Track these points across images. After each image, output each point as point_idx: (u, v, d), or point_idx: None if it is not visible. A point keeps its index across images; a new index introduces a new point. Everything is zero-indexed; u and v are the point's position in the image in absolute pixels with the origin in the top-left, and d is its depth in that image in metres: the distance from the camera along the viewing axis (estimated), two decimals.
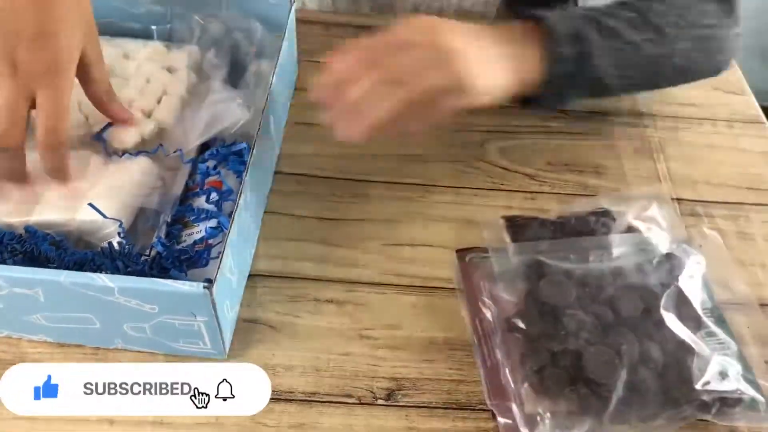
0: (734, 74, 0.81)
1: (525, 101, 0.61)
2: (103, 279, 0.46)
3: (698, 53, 0.65)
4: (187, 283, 0.47)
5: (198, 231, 0.56)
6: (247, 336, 0.55)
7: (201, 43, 0.68)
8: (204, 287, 0.46)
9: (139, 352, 0.53)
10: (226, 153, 0.61)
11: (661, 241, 0.61)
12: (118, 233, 0.53)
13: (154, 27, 0.70)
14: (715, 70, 0.69)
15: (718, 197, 0.68)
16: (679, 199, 0.68)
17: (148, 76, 0.65)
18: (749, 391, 0.52)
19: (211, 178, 0.59)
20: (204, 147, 0.63)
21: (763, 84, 1.69)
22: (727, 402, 0.52)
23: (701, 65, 0.67)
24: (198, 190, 0.59)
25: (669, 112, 0.76)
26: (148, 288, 0.47)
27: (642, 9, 0.62)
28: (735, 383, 0.53)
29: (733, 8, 0.66)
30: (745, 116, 0.77)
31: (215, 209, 0.57)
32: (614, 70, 0.60)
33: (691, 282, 0.58)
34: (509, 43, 0.57)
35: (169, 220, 0.57)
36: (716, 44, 0.66)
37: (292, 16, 0.68)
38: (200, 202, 0.58)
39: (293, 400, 0.51)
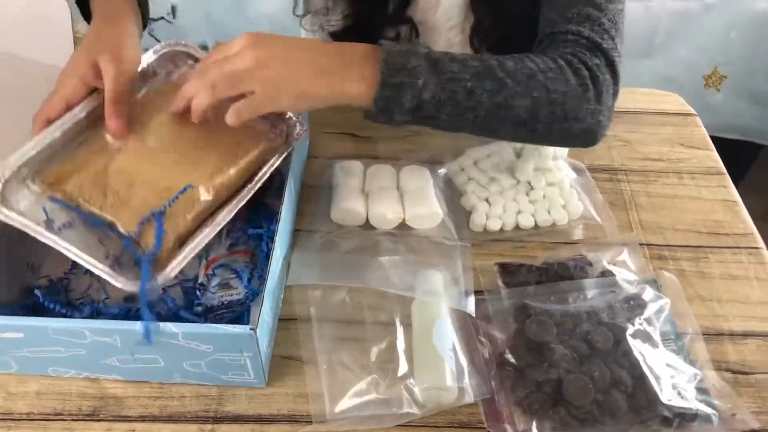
0: (698, 131, 0.93)
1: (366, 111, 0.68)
2: (170, 326, 0.58)
3: (540, 111, 0.68)
4: (238, 327, 0.58)
5: (237, 293, 0.68)
6: (282, 369, 0.66)
7: None
8: (250, 329, 0.58)
9: (195, 384, 0.64)
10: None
11: (630, 283, 0.72)
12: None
13: None
14: (562, 133, 0.71)
15: (682, 242, 0.79)
16: (648, 244, 0.79)
17: None
18: (704, 408, 0.63)
19: (242, 247, 0.72)
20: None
21: (753, 123, 1.80)
22: (685, 417, 0.62)
23: (549, 126, 0.70)
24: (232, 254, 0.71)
25: (639, 166, 0.88)
26: (207, 332, 0.59)
27: (492, 64, 0.67)
28: (693, 402, 0.63)
29: (598, 90, 0.70)
30: (706, 168, 0.88)
31: (249, 275, 0.69)
32: (438, 105, 0.66)
33: (655, 317, 0.69)
34: (341, 61, 0.66)
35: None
36: (561, 109, 0.69)
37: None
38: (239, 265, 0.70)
39: None
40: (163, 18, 1.70)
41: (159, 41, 0.75)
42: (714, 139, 1.84)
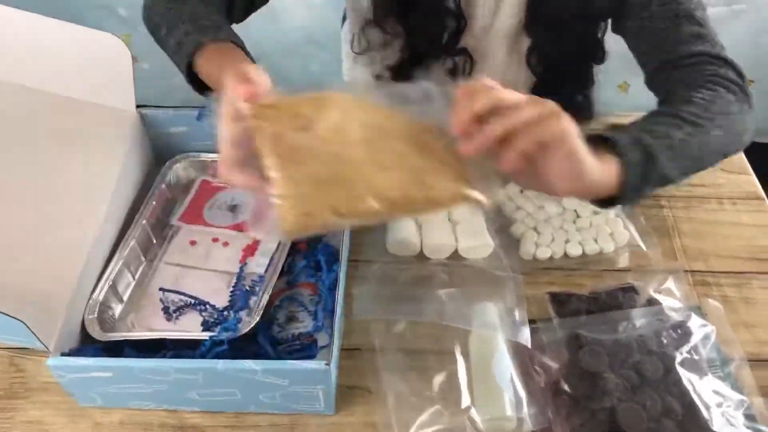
0: (737, 156, 0.95)
1: (602, 201, 0.67)
2: (250, 363, 0.62)
3: (729, 135, 0.74)
4: (313, 362, 0.62)
5: (304, 325, 0.72)
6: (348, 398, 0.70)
7: None
8: (325, 364, 0.62)
9: (268, 414, 0.69)
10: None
11: (676, 311, 0.75)
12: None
13: None
14: (742, 146, 0.79)
15: (725, 267, 0.82)
16: (692, 271, 0.82)
17: None
18: None
19: (308, 280, 0.76)
20: None
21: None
22: None
23: (732, 144, 0.77)
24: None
25: (682, 192, 0.90)
26: (284, 368, 0.63)
27: (674, 113, 0.71)
28: (741, 429, 0.67)
29: (747, 96, 0.77)
30: (746, 193, 0.91)
31: (315, 307, 0.73)
32: (672, 162, 0.68)
33: (701, 344, 0.72)
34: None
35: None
36: (740, 126, 0.76)
37: None
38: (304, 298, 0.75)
39: None
40: None
41: None
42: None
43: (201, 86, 0.76)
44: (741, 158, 0.96)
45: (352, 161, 0.57)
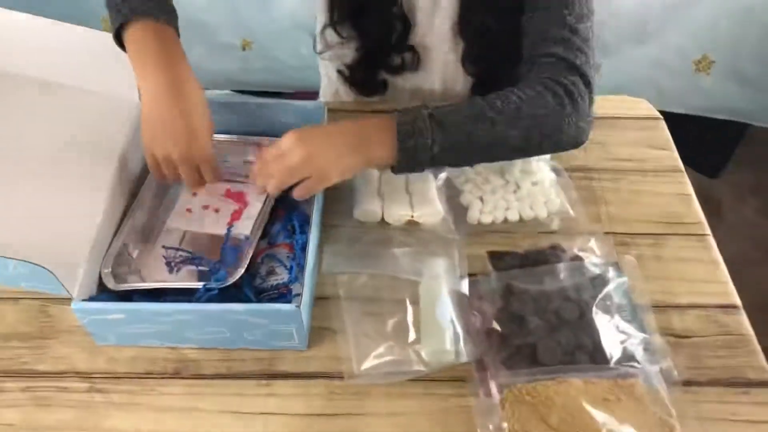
0: (663, 134, 1.09)
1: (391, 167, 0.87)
2: (235, 306, 0.77)
3: (530, 137, 0.85)
4: (286, 305, 0.77)
5: (281, 278, 0.86)
6: (319, 337, 0.85)
7: None
8: (296, 306, 0.76)
9: (253, 349, 0.83)
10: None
11: (596, 266, 0.89)
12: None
13: None
14: (555, 146, 0.90)
15: (643, 230, 0.96)
16: (614, 233, 0.96)
17: None
18: (647, 366, 0.81)
19: (285, 241, 0.90)
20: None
21: (740, 104, 1.93)
22: (631, 374, 0.80)
23: (540, 144, 0.87)
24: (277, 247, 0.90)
25: (610, 166, 1.04)
26: (263, 309, 0.78)
27: (483, 106, 0.84)
28: (640, 358, 0.81)
29: (575, 102, 0.85)
30: (668, 167, 1.05)
31: (290, 263, 0.88)
32: (448, 153, 0.84)
33: (614, 292, 0.87)
34: (362, 136, 0.85)
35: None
36: (549, 129, 0.86)
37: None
38: (282, 256, 0.89)
39: None
40: None
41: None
42: (704, 119, 1.98)
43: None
44: (666, 136, 1.09)
45: None
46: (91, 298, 0.81)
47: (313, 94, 1.37)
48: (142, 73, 0.83)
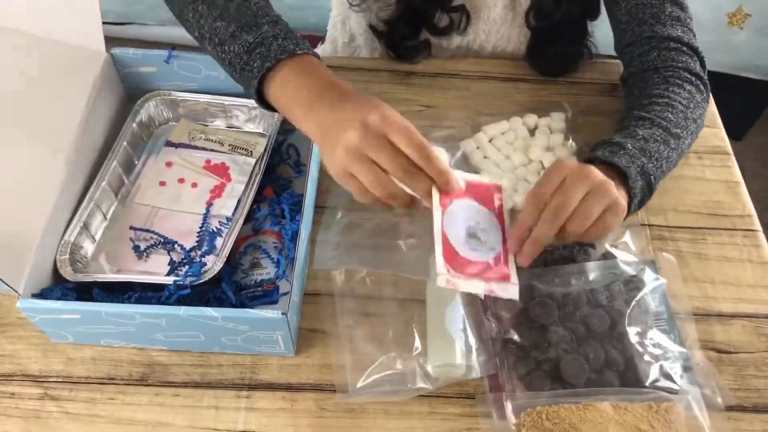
0: (709, 108, 0.95)
1: None
2: (210, 311, 0.65)
3: (694, 139, 0.83)
4: (271, 312, 0.65)
5: (267, 272, 0.74)
6: (308, 341, 0.73)
7: None
8: (282, 313, 0.65)
9: (231, 354, 0.72)
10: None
11: (629, 265, 0.77)
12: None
13: None
14: None
15: (682, 223, 0.84)
16: (650, 225, 0.84)
17: None
18: (686, 387, 0.70)
19: (272, 228, 0.78)
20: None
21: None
22: (668, 398, 0.70)
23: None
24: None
25: None
26: (243, 316, 0.66)
27: (663, 125, 0.78)
28: (677, 380, 0.70)
29: (708, 92, 0.84)
30: (712, 147, 0.92)
31: (278, 256, 0.75)
32: (662, 178, 0.78)
33: (650, 298, 0.75)
34: None
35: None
36: (703, 121, 0.84)
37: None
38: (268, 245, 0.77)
39: None
40: None
41: None
42: (731, 77, 1.85)
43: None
44: (713, 111, 0.96)
45: None
46: (43, 292, 0.69)
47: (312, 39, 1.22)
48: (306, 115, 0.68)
